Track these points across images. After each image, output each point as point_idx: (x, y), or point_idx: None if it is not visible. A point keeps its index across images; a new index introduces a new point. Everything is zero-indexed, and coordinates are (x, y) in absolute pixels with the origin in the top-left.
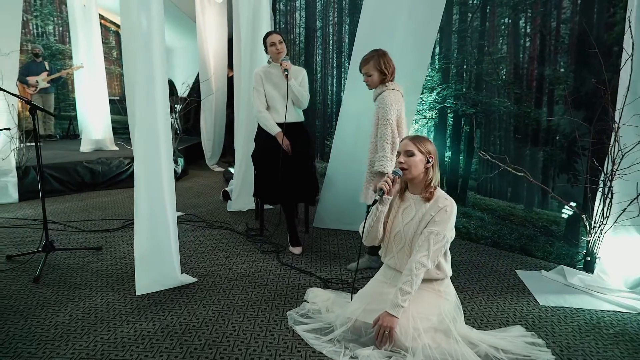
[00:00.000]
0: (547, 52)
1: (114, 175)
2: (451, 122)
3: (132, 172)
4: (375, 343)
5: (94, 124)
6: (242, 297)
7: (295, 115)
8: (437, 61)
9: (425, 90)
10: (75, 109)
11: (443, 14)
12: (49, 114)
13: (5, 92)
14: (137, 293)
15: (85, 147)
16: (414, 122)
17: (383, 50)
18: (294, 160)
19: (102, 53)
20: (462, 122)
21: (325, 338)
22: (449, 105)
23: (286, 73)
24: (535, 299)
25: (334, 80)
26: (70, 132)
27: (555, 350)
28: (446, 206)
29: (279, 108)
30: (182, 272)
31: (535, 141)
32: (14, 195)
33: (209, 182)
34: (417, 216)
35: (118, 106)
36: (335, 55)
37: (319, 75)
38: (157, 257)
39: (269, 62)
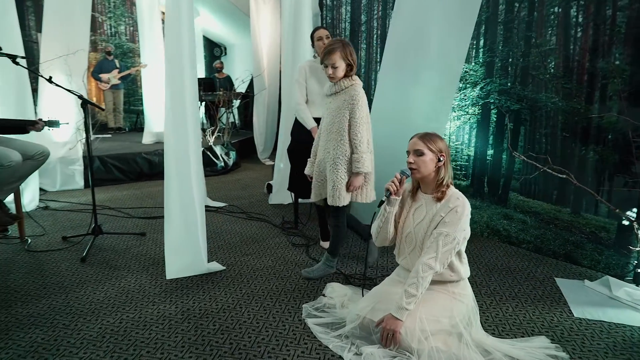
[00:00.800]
0: (600, 43)
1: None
2: (494, 119)
3: None
4: (381, 342)
5: (155, 118)
6: (263, 287)
7: None
8: (481, 54)
9: (468, 85)
10: (142, 104)
11: (490, 4)
12: (98, 108)
13: (56, 87)
14: (167, 277)
15: (146, 139)
16: (455, 118)
17: (346, 40)
18: None
19: (163, 50)
20: (506, 119)
21: (333, 333)
22: (492, 100)
23: None
24: (570, 309)
25: (378, 75)
26: (138, 125)
27: None
28: (457, 206)
29: (318, 103)
30: (212, 260)
31: (585, 140)
32: (80, 182)
33: (258, 176)
34: (427, 216)
35: None
36: (379, 50)
37: (362, 70)
38: (186, 245)
39: (314, 56)
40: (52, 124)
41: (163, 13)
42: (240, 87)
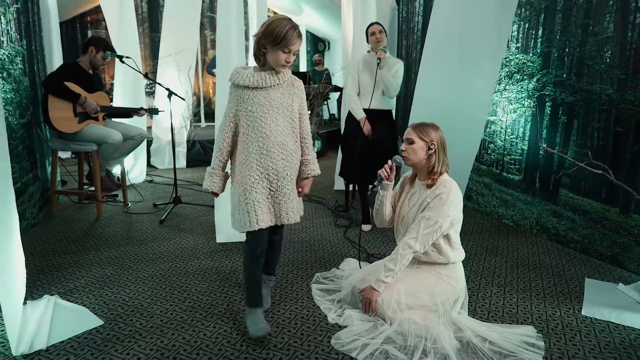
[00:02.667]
0: None
1: None
2: (549, 112)
3: None
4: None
5: None
6: (291, 256)
7: (383, 103)
8: (539, 45)
9: (525, 77)
10: None
11: None
12: (180, 99)
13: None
14: (217, 241)
15: None
16: (511, 111)
17: None
18: (372, 144)
19: None
20: (560, 112)
21: (328, 297)
22: (547, 92)
23: (378, 62)
24: (580, 308)
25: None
26: None
27: (553, 357)
28: (442, 193)
29: (368, 95)
30: None
31: (638, 135)
32: (183, 162)
33: (336, 163)
34: (418, 202)
35: None
36: None
37: None
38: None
39: (368, 51)
40: (152, 111)
41: (269, 10)
42: (334, 80)
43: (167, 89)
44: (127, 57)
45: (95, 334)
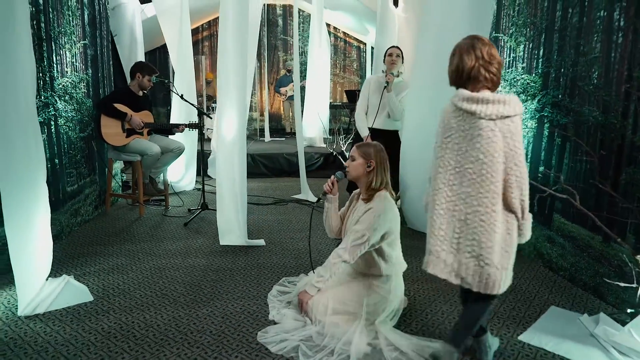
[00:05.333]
0: (639, 49)
1: (306, 165)
2: (547, 133)
3: (319, 164)
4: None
5: (309, 124)
6: (274, 262)
7: (389, 124)
8: (540, 65)
9: (528, 98)
10: None
11: (549, 11)
12: (207, 116)
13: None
14: (220, 243)
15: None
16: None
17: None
18: None
19: (328, 66)
20: (556, 134)
21: (280, 297)
22: (546, 114)
23: (386, 85)
24: (520, 332)
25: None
26: None
27: None
28: (372, 208)
29: (373, 115)
30: (261, 238)
31: (618, 159)
32: None
33: None
34: (356, 215)
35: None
36: None
37: None
38: (231, 224)
39: (382, 71)
40: (192, 126)
41: (347, 34)
42: None
43: (197, 108)
44: (167, 81)
45: (82, 307)
